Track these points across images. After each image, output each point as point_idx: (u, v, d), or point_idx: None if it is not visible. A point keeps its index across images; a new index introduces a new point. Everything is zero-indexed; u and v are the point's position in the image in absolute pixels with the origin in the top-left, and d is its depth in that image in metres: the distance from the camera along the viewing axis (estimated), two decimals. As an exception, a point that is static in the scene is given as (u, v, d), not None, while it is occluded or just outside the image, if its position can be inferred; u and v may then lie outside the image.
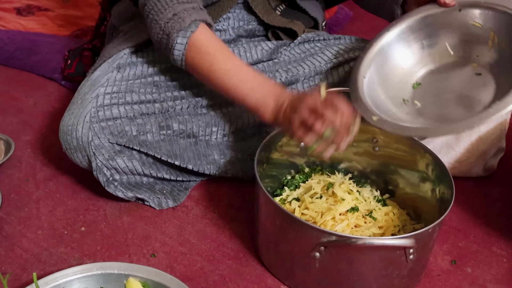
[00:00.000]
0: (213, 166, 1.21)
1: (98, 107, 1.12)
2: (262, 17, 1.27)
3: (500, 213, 1.25)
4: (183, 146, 1.17)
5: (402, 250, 0.95)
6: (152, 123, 1.14)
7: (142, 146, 1.13)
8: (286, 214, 0.97)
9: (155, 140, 1.15)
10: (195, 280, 1.05)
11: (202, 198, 1.24)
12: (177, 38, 1.07)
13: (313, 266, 0.98)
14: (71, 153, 1.14)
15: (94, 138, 1.10)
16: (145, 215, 1.19)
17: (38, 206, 1.19)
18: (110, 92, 1.15)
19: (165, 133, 1.15)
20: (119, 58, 1.21)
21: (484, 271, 1.11)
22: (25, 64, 1.67)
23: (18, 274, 1.04)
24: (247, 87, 1.07)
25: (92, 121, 1.11)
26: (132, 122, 1.13)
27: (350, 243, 0.92)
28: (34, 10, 1.94)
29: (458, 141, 1.32)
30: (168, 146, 1.16)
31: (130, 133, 1.12)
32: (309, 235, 0.95)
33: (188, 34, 1.07)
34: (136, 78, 1.19)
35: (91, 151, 1.11)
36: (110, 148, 1.11)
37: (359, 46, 1.29)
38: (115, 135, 1.11)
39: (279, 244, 1.02)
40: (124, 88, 1.16)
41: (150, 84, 1.19)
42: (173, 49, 1.08)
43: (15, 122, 1.44)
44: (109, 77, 1.18)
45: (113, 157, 1.12)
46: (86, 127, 1.10)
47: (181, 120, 1.16)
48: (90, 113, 1.11)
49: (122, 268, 0.97)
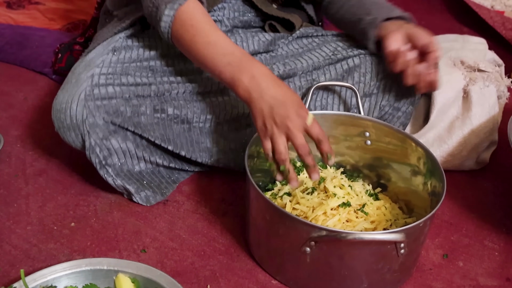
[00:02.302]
0: (205, 154, 1.20)
1: (93, 86, 1.10)
2: (260, 6, 1.26)
3: (492, 207, 1.25)
4: (177, 131, 1.16)
5: (393, 244, 0.94)
6: (147, 105, 1.13)
7: (137, 127, 1.12)
8: (276, 209, 0.96)
9: (149, 123, 1.13)
10: (185, 276, 1.04)
11: (193, 193, 1.23)
12: (164, 10, 1.07)
13: (304, 261, 0.97)
14: (64, 132, 1.11)
15: (89, 116, 1.08)
16: (136, 210, 1.18)
17: (28, 201, 1.18)
18: (105, 73, 1.13)
19: (159, 116, 1.14)
20: (115, 42, 1.20)
21: (475, 265, 1.11)
22: (15, 58, 1.65)
23: (6, 270, 1.03)
24: (224, 60, 1.05)
25: (87, 99, 1.09)
26: (127, 103, 1.12)
27: (340, 238, 0.92)
28: (24, 3, 1.92)
29: (450, 135, 1.32)
30: (162, 130, 1.15)
31: (125, 113, 1.11)
32: (299, 230, 0.95)
33: (175, 6, 1.07)
34: (131, 61, 1.17)
35: (85, 129, 1.09)
36: (105, 128, 1.10)
37: (358, 44, 1.28)
38: (110, 115, 1.10)
39: (270, 239, 1.02)
40: (120, 70, 1.14)
41: (145, 68, 1.17)
42: (160, 21, 1.08)
43: (5, 117, 1.42)
44: (104, 58, 1.16)
45: (107, 137, 1.10)
46: (81, 105, 1.09)
47: (176, 105, 1.15)
48: (85, 91, 1.09)
49: (111, 264, 0.97)
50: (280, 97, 1.01)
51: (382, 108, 1.24)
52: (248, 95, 1.02)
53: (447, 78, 1.38)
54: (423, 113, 1.40)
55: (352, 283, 1.00)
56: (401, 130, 1.14)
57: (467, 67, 1.44)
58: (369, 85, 1.23)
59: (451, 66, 1.43)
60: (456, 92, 1.37)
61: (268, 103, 1.00)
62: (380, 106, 1.24)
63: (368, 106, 1.23)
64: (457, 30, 1.87)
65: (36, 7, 1.90)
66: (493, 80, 1.39)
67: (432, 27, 1.93)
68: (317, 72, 1.25)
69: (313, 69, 1.25)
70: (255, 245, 1.07)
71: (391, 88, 1.24)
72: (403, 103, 1.25)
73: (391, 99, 1.24)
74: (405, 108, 1.26)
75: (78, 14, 1.88)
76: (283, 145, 0.99)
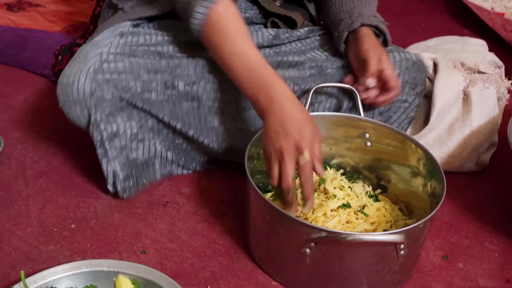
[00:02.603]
0: (213, 133, 1.19)
1: (103, 61, 1.09)
2: (262, 3, 1.26)
3: (492, 208, 1.25)
4: (186, 109, 1.15)
5: (393, 246, 0.94)
6: (158, 81, 1.12)
7: (146, 104, 1.12)
8: (276, 210, 0.96)
9: (159, 100, 1.13)
10: (185, 277, 1.04)
11: (193, 195, 1.23)
12: (197, 7, 1.05)
13: (303, 262, 0.97)
14: (69, 107, 1.09)
15: (97, 90, 1.07)
16: (136, 212, 1.18)
17: (28, 203, 1.18)
18: (113, 53, 1.11)
19: (170, 93, 1.13)
20: (122, 27, 1.18)
21: (475, 266, 1.11)
22: (15, 60, 1.65)
23: (6, 272, 1.03)
24: (247, 75, 1.04)
25: (96, 72, 1.07)
26: (138, 79, 1.10)
27: (340, 239, 0.92)
28: (25, 5, 1.92)
29: (451, 136, 1.32)
30: (172, 107, 1.14)
31: (134, 89, 1.10)
32: (299, 231, 0.95)
33: (209, 5, 1.05)
34: (139, 45, 1.16)
35: (92, 103, 1.07)
36: (112, 103, 1.09)
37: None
38: (119, 89, 1.09)
39: (269, 240, 1.02)
40: (128, 52, 1.13)
41: (153, 53, 1.16)
42: (191, 18, 1.06)
43: (5, 119, 1.42)
44: (112, 40, 1.14)
45: (113, 113, 1.09)
46: (90, 78, 1.07)
47: (187, 82, 1.14)
48: (94, 65, 1.08)
49: (111, 266, 0.97)
50: (295, 121, 0.99)
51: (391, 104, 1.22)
52: (263, 117, 1.02)
53: (447, 80, 1.38)
54: (423, 114, 1.40)
55: (352, 284, 1.00)
56: (401, 132, 1.14)
57: (467, 69, 1.44)
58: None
59: (451, 67, 1.43)
60: (456, 94, 1.37)
61: (282, 126, 0.99)
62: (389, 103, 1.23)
63: None
64: (457, 32, 1.88)
65: (36, 9, 1.91)
66: (493, 81, 1.40)
67: (432, 28, 1.95)
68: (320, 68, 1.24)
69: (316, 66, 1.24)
70: (255, 246, 1.07)
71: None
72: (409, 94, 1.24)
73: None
74: (411, 99, 1.25)
75: (78, 16, 1.88)
76: (292, 173, 0.97)
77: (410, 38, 1.80)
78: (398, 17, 2.05)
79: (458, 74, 1.40)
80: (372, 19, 1.20)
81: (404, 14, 2.07)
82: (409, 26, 1.99)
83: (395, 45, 1.28)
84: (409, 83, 1.23)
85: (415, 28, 1.98)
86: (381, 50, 1.16)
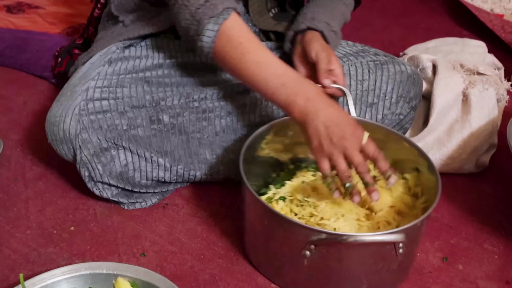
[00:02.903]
0: (205, 165, 1.19)
1: (88, 100, 1.10)
2: (253, 17, 1.26)
3: (492, 210, 1.25)
4: (175, 143, 1.16)
5: (392, 245, 0.94)
6: (143, 117, 1.13)
7: (132, 141, 1.12)
8: (274, 214, 0.96)
9: (146, 135, 1.13)
10: (185, 279, 1.04)
11: (192, 197, 1.23)
12: (208, 24, 1.03)
13: (303, 264, 0.97)
14: (57, 144, 1.12)
15: (82, 132, 1.09)
16: (135, 214, 1.18)
17: (27, 205, 1.18)
18: (100, 86, 1.13)
19: (156, 127, 1.13)
20: (111, 53, 1.20)
21: (475, 268, 1.11)
22: (15, 62, 1.65)
23: (6, 274, 1.03)
24: (278, 81, 1.02)
25: (81, 114, 1.09)
26: (123, 116, 1.11)
27: (341, 240, 0.92)
28: (24, 7, 1.92)
29: (450, 138, 1.32)
30: (160, 142, 1.14)
31: (120, 127, 1.11)
32: (298, 233, 0.94)
33: (220, 21, 1.04)
34: (127, 72, 1.17)
35: (78, 144, 1.09)
36: (97, 144, 1.10)
37: (353, 51, 1.28)
38: (104, 129, 1.10)
39: (268, 243, 1.01)
40: (115, 83, 1.14)
41: (141, 80, 1.17)
42: (202, 35, 1.05)
43: (4, 121, 1.42)
44: (100, 70, 1.16)
45: (98, 154, 1.10)
46: (75, 120, 1.09)
47: (172, 114, 1.14)
48: (80, 105, 1.10)
49: (110, 268, 0.97)
50: (335, 117, 1.00)
51: (385, 117, 1.24)
52: (304, 117, 1.01)
53: (446, 81, 1.39)
54: (422, 116, 1.40)
55: (351, 285, 1.00)
56: (395, 131, 1.14)
57: (466, 70, 1.44)
58: (366, 92, 1.23)
59: (450, 69, 1.43)
60: (455, 95, 1.37)
61: (324, 124, 0.99)
62: (383, 116, 1.24)
63: (369, 116, 1.23)
64: (457, 33, 1.88)
65: (36, 11, 1.91)
66: (492, 83, 1.40)
67: (432, 29, 1.95)
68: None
69: None
70: (252, 250, 1.07)
71: (392, 95, 1.23)
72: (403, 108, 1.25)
73: (392, 107, 1.24)
74: (406, 112, 1.26)
75: (78, 18, 1.88)
76: (344, 163, 0.98)
77: (410, 39, 1.80)
78: (398, 18, 2.05)
79: (457, 75, 1.40)
80: (321, 25, 1.19)
81: (404, 15, 2.07)
82: (408, 27, 1.99)
83: (390, 56, 1.28)
84: (403, 97, 1.24)
85: (414, 29, 1.98)
86: (330, 51, 1.16)
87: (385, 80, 1.23)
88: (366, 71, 1.23)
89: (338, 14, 1.26)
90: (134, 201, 1.19)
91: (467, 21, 1.98)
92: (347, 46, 1.31)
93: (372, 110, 1.23)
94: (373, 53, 1.28)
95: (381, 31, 1.95)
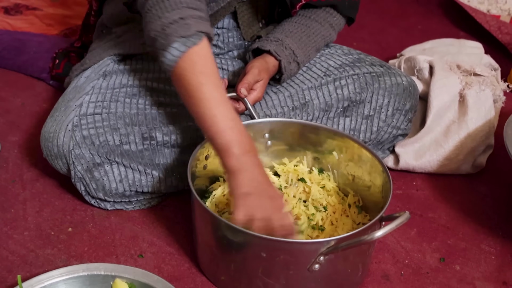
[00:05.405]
0: None
1: (81, 115, 1.11)
2: (243, 29, 1.26)
3: (489, 210, 1.26)
4: (167, 154, 1.15)
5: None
6: (136, 134, 1.13)
7: (124, 156, 1.12)
8: (272, 241, 0.93)
9: (138, 150, 1.13)
10: (182, 281, 1.04)
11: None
12: (175, 42, 0.99)
13: (313, 277, 0.97)
14: (52, 159, 1.14)
15: (75, 147, 1.10)
16: (133, 215, 1.18)
17: (25, 207, 1.18)
18: (94, 101, 1.14)
19: (148, 143, 1.13)
20: (106, 66, 1.20)
21: (472, 269, 1.11)
22: (12, 64, 1.65)
23: (3, 276, 1.03)
24: (226, 124, 0.98)
25: (74, 130, 1.10)
26: (115, 132, 1.12)
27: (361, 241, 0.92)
28: (22, 9, 1.92)
29: (447, 138, 1.32)
30: (152, 155, 1.14)
31: (112, 142, 1.11)
32: (307, 251, 0.93)
33: (189, 44, 0.99)
34: (121, 86, 1.17)
35: (71, 159, 1.10)
36: (90, 159, 1.11)
37: (348, 61, 1.28)
38: (97, 145, 1.10)
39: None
40: (109, 97, 1.15)
41: (135, 95, 1.17)
42: (167, 52, 1.00)
43: (2, 123, 1.42)
44: (94, 84, 1.17)
45: (91, 169, 1.11)
46: (68, 136, 1.10)
47: (165, 132, 1.14)
48: (73, 121, 1.11)
49: (108, 269, 0.97)
50: (265, 180, 0.98)
51: (380, 129, 1.25)
52: (236, 166, 0.97)
53: (443, 82, 1.39)
54: (419, 117, 1.41)
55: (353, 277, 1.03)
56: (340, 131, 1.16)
57: (463, 71, 1.44)
58: (363, 105, 1.23)
59: (447, 70, 1.43)
60: (452, 96, 1.37)
61: (257, 183, 0.97)
62: (378, 128, 1.24)
63: (365, 128, 1.24)
64: (454, 34, 1.88)
65: (33, 12, 1.91)
66: (489, 84, 1.40)
67: (429, 31, 1.95)
68: (309, 92, 1.24)
69: (307, 88, 1.24)
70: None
71: (388, 108, 1.24)
72: (400, 121, 1.26)
73: (388, 119, 1.24)
74: (404, 125, 1.27)
75: (75, 20, 1.88)
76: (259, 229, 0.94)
77: (407, 41, 1.81)
78: (394, 19, 2.05)
79: (454, 76, 1.40)
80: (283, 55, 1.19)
81: (401, 17, 2.08)
82: (405, 28, 2.00)
83: (386, 66, 1.28)
84: (399, 110, 1.24)
85: (411, 30, 1.99)
86: (263, 75, 1.17)
87: (382, 93, 1.23)
88: (363, 84, 1.23)
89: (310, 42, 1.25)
90: (133, 206, 1.19)
91: (464, 22, 1.99)
92: (342, 54, 1.30)
93: (367, 122, 1.23)
94: (369, 63, 1.27)
95: (378, 32, 1.96)
